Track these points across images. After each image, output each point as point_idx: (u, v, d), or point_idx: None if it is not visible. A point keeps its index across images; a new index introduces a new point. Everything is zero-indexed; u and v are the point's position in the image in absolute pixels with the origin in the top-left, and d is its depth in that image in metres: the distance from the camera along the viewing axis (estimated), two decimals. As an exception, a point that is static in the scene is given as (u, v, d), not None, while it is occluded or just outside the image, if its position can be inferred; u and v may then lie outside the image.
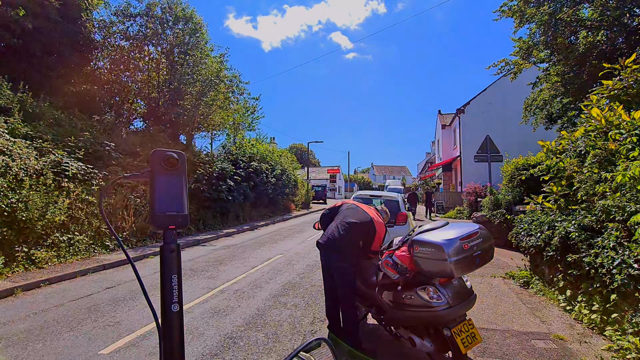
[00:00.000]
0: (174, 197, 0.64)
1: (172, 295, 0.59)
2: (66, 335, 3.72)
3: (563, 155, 5.37)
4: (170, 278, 0.60)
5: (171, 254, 0.62)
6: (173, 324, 0.58)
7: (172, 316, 0.58)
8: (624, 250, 3.33)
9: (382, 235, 3.43)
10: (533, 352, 3.28)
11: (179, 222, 0.64)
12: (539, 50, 10.68)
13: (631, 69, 5.27)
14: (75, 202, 7.77)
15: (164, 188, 0.63)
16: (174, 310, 0.59)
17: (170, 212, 0.63)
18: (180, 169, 0.65)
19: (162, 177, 0.62)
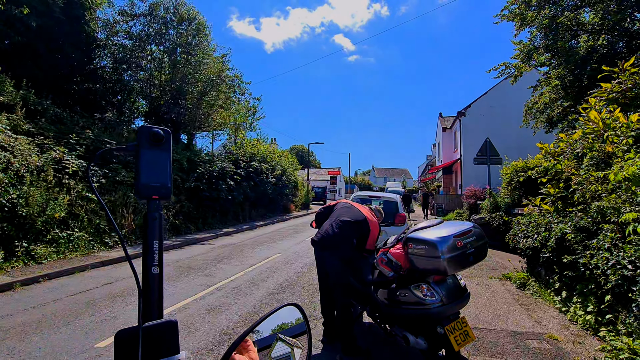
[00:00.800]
0: (158, 170, 0.67)
1: (154, 258, 0.63)
2: (63, 329, 3.74)
3: (561, 157, 5.38)
4: (152, 243, 0.63)
5: (154, 222, 0.65)
6: (153, 284, 0.62)
7: (153, 277, 0.62)
8: (618, 251, 3.34)
9: (376, 234, 3.44)
10: (527, 351, 3.29)
11: (162, 193, 0.67)
12: (539, 54, 10.70)
13: (630, 72, 5.29)
14: (76, 199, 7.82)
15: (149, 161, 0.66)
16: (155, 272, 0.62)
17: (154, 183, 0.66)
18: (165, 145, 0.68)
19: (148, 151, 0.65)
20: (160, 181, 0.67)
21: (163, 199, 0.68)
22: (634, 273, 3.04)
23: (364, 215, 3.42)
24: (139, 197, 0.66)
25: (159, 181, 0.66)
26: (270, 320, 0.60)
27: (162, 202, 0.69)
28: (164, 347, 0.58)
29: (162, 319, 0.61)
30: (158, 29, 13.80)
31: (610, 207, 3.49)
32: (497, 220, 9.36)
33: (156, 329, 0.58)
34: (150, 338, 0.56)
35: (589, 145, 4.70)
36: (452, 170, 23.77)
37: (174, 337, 0.60)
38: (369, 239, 3.37)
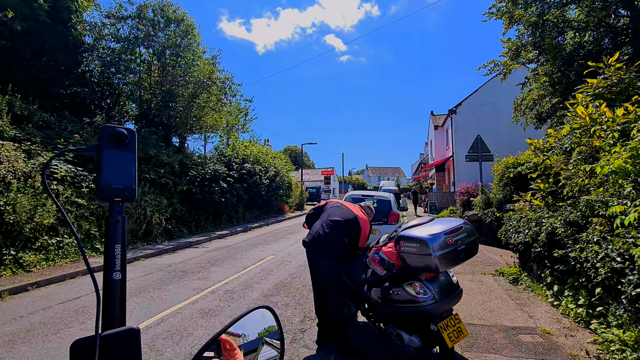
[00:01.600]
0: (122, 171, 0.64)
1: (115, 263, 0.60)
2: (52, 338, 3.67)
3: (550, 152, 5.44)
4: (113, 247, 0.61)
5: (115, 225, 0.62)
6: (115, 290, 0.59)
7: (114, 283, 0.59)
8: (607, 244, 3.39)
9: (367, 232, 3.44)
10: (520, 346, 3.31)
11: (125, 195, 0.64)
12: (527, 51, 10.83)
13: (615, 67, 5.37)
14: (65, 204, 7.68)
15: (111, 162, 0.63)
16: (116, 278, 0.60)
17: (116, 185, 0.63)
18: (129, 145, 0.65)
19: (110, 151, 0.63)
20: (124, 183, 0.64)
21: (126, 201, 0.65)
22: (622, 265, 3.08)
23: (354, 214, 3.41)
24: (100, 200, 0.64)
25: (122, 183, 0.64)
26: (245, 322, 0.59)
27: (126, 204, 0.66)
28: (125, 357, 0.56)
29: (123, 327, 0.59)
30: (146, 31, 13.64)
31: (599, 200, 3.53)
32: (489, 216, 9.44)
33: (116, 337, 0.56)
34: (109, 348, 0.54)
35: (576, 140, 4.76)
36: (445, 168, 23.94)
37: (136, 346, 0.57)
38: (360, 237, 3.36)
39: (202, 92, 14.48)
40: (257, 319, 0.61)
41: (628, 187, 3.19)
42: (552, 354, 3.13)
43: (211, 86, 14.81)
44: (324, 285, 3.34)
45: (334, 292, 3.28)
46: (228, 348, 0.61)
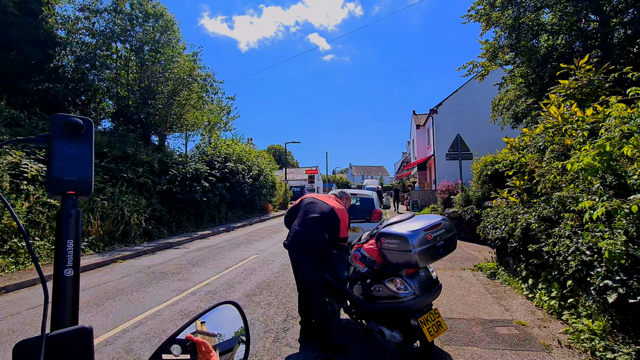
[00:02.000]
0: (76, 163, 0.60)
1: (67, 259, 0.56)
2: (21, 345, 3.49)
3: (525, 151, 5.63)
4: (65, 242, 0.57)
5: (68, 219, 0.59)
6: (65, 287, 0.56)
7: (65, 280, 0.56)
8: (577, 238, 3.53)
9: (347, 221, 3.40)
10: (496, 338, 3.41)
11: (80, 188, 0.61)
12: (504, 53, 11.16)
13: (585, 69, 5.62)
14: (36, 205, 7.34)
15: (64, 153, 0.59)
16: (67, 274, 0.56)
17: (70, 177, 0.60)
18: (86, 136, 0.62)
19: (63, 142, 0.59)
20: (78, 175, 0.61)
21: (81, 194, 0.62)
22: (591, 258, 3.22)
23: (330, 206, 3.36)
24: (50, 193, 0.60)
25: (77, 175, 0.60)
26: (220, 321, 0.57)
27: (81, 198, 0.63)
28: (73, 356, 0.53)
29: (73, 327, 0.56)
30: (123, 26, 13.20)
31: (570, 196, 3.68)
32: (468, 213, 9.68)
33: (65, 337, 0.53)
34: (57, 348, 0.51)
35: (549, 138, 4.94)
36: (427, 167, 24.40)
37: (88, 346, 0.55)
38: (340, 227, 3.32)
39: (182, 89, 14.16)
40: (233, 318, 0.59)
41: (596, 184, 3.34)
42: (526, 345, 3.24)
43: (192, 83, 14.51)
44: (308, 284, 3.33)
45: (318, 291, 3.27)
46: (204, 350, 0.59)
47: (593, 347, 2.98)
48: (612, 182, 3.18)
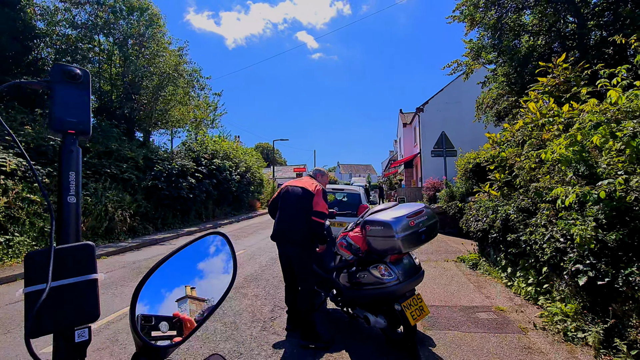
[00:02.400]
0: (75, 106, 0.64)
1: (69, 188, 0.61)
2: (2, 338, 3.42)
3: (505, 145, 5.83)
4: (67, 174, 0.62)
5: (70, 155, 0.63)
6: (69, 212, 0.61)
7: (69, 205, 0.60)
8: (552, 226, 3.70)
9: (321, 197, 3.29)
10: (477, 322, 3.55)
11: (79, 128, 0.65)
12: (487, 52, 11.45)
13: (562, 67, 5.85)
14: (15, 200, 7.13)
15: (64, 96, 0.63)
16: (71, 201, 0.61)
17: (70, 118, 0.64)
18: (84, 84, 0.66)
19: (63, 86, 0.63)
20: (78, 117, 0.65)
21: (81, 134, 0.66)
22: (565, 245, 3.39)
23: (300, 187, 3.35)
24: (53, 131, 0.64)
25: (76, 117, 0.64)
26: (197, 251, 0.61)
27: (80, 138, 0.67)
28: (79, 269, 0.57)
29: (78, 243, 0.60)
30: (106, 18, 12.88)
31: (545, 187, 3.85)
32: (452, 208, 9.91)
33: (70, 251, 0.57)
34: (64, 260, 0.56)
35: (528, 133, 5.14)
36: (413, 164, 24.76)
37: (91, 259, 0.59)
38: (313, 202, 3.23)
39: (168, 84, 13.92)
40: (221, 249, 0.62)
41: (570, 174, 3.52)
42: (504, 328, 3.39)
43: (178, 79, 14.29)
44: (297, 273, 3.35)
45: (307, 280, 3.29)
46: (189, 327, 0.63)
47: (565, 328, 3.15)
48: (584, 172, 3.36)
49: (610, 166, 2.76)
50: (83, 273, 0.58)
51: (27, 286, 0.52)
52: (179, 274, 0.58)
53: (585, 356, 2.78)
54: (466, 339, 3.18)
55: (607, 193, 2.71)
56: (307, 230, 3.26)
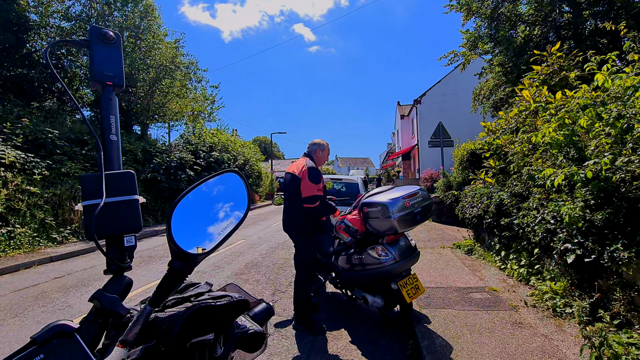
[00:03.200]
0: (111, 62, 0.74)
1: (111, 128, 0.71)
2: (11, 321, 3.53)
3: (499, 133, 5.93)
4: (108, 117, 0.72)
5: (109, 102, 0.73)
6: (112, 147, 0.71)
7: (111, 142, 0.71)
8: (543, 209, 3.83)
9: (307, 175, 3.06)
10: (470, 301, 3.69)
11: (115, 81, 0.74)
12: (484, 42, 11.48)
13: (556, 55, 5.92)
14: (15, 192, 7.18)
15: (101, 53, 0.73)
16: (112, 139, 0.71)
17: (108, 72, 0.73)
18: (116, 45, 0.75)
19: (99, 46, 0.72)
20: (113, 72, 0.74)
21: (117, 87, 0.75)
22: (555, 226, 3.51)
23: (290, 173, 3.22)
24: (93, 81, 0.73)
25: (112, 72, 0.74)
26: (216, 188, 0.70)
27: (116, 90, 0.76)
28: (124, 190, 0.67)
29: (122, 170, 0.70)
30: (100, 10, 12.77)
31: (537, 169, 3.96)
32: (449, 198, 10.05)
33: (116, 176, 0.67)
34: (111, 183, 0.65)
35: (522, 120, 5.23)
36: (411, 156, 24.88)
37: (132, 184, 0.69)
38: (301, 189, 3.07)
39: (164, 77, 13.88)
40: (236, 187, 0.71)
41: (560, 158, 3.62)
42: (496, 306, 3.53)
43: (175, 71, 14.23)
44: (296, 263, 3.39)
45: (303, 270, 3.31)
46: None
47: (554, 305, 3.29)
48: (574, 156, 3.46)
49: (598, 148, 2.87)
50: (127, 194, 0.68)
51: (84, 201, 0.63)
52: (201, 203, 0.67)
53: (571, 328, 2.92)
54: (460, 316, 3.32)
55: (594, 173, 2.82)
56: (303, 219, 3.18)
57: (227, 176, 0.72)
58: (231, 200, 0.71)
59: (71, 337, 0.48)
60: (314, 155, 3.36)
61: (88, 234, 0.62)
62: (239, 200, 0.72)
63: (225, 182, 0.71)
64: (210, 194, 0.69)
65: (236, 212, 0.71)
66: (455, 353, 2.63)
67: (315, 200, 3.04)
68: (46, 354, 0.45)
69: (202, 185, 0.67)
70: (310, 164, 3.16)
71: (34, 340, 0.46)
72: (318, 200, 3.06)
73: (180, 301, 0.65)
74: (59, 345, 0.47)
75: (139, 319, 0.59)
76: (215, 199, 0.69)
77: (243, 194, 0.73)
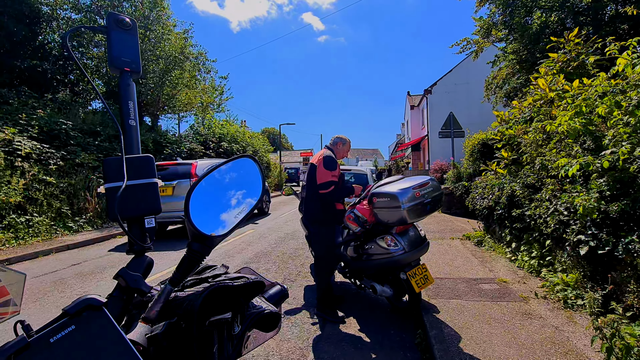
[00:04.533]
0: (128, 49, 0.75)
1: (129, 113, 0.73)
2: (32, 306, 3.67)
3: (512, 122, 5.80)
4: (127, 103, 0.74)
5: (127, 87, 0.74)
6: (131, 131, 0.73)
7: (130, 127, 0.73)
8: (557, 200, 3.76)
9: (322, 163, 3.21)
10: (479, 292, 3.68)
11: (133, 67, 0.76)
12: (498, 30, 11.17)
13: (574, 42, 5.73)
14: (32, 182, 7.38)
15: (119, 40, 0.74)
16: (132, 124, 0.73)
17: (125, 58, 0.75)
18: (132, 31, 0.76)
19: (117, 32, 0.73)
20: (130, 57, 0.75)
21: (134, 73, 0.76)
22: (568, 217, 3.45)
23: (310, 164, 3.40)
24: (112, 68, 0.74)
25: (129, 57, 0.75)
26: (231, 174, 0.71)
27: (133, 76, 0.77)
28: (143, 173, 0.70)
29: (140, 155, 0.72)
30: (110, 1, 12.82)
31: (551, 160, 3.88)
32: (459, 189, 9.95)
33: (136, 160, 0.70)
34: (131, 166, 0.68)
35: (536, 110, 5.11)
36: (420, 147, 24.60)
37: (151, 167, 0.71)
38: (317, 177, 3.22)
39: (174, 68, 13.93)
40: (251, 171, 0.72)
41: (576, 148, 3.54)
42: (506, 297, 3.51)
43: (184, 62, 14.28)
44: (314, 251, 3.48)
45: (323, 258, 3.37)
46: None
47: (566, 297, 3.26)
48: (590, 146, 3.38)
49: (615, 137, 2.79)
50: (146, 177, 0.70)
51: (106, 183, 0.65)
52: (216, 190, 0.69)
53: (582, 320, 2.89)
54: (469, 307, 3.32)
55: (611, 163, 2.75)
56: (320, 208, 3.30)
57: (242, 161, 0.73)
58: (244, 187, 0.72)
59: (99, 310, 0.50)
60: (335, 147, 3.51)
61: (111, 214, 0.65)
62: (253, 187, 0.73)
63: (239, 167, 0.72)
64: (223, 181, 0.70)
65: (248, 199, 0.72)
66: (464, 342, 2.64)
67: (329, 186, 3.16)
68: (77, 325, 0.48)
69: (218, 170, 0.68)
70: (328, 154, 3.32)
71: (65, 312, 0.49)
72: (332, 185, 3.17)
73: (198, 282, 0.67)
74: (88, 318, 0.49)
75: (160, 297, 0.61)
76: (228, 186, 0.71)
77: (257, 179, 0.74)
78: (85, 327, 0.48)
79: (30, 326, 0.49)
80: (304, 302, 3.76)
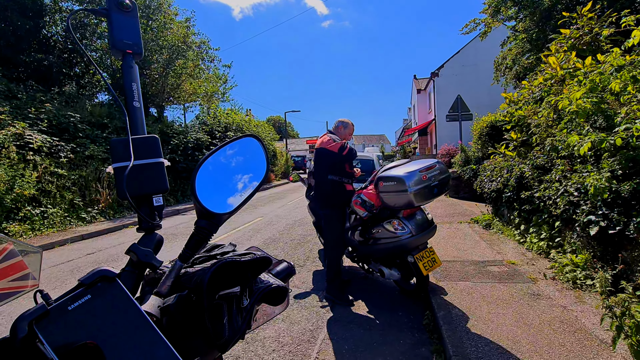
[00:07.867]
0: (130, 31, 0.75)
1: (134, 95, 0.74)
2: (50, 292, 3.80)
3: (521, 103, 5.68)
4: (130, 84, 0.74)
5: (130, 69, 0.75)
6: (136, 113, 0.74)
7: (134, 109, 0.74)
8: (567, 181, 3.70)
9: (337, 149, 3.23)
10: (488, 274, 3.69)
11: (135, 49, 0.76)
12: (507, 7, 10.79)
13: (587, 17, 5.51)
14: (44, 175, 7.54)
15: (120, 22, 0.74)
16: (136, 105, 0.74)
17: (127, 40, 0.75)
18: (133, 12, 0.76)
19: (118, 14, 0.73)
20: (132, 40, 0.75)
21: (136, 55, 0.77)
22: (578, 198, 3.41)
23: (320, 147, 3.36)
24: (114, 50, 0.75)
25: (131, 40, 0.75)
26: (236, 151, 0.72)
27: (136, 58, 0.77)
28: (150, 153, 0.71)
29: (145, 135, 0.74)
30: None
31: (562, 140, 3.81)
32: (467, 173, 9.84)
33: (142, 140, 0.71)
34: (138, 147, 0.69)
35: (547, 89, 4.98)
36: (427, 132, 24.29)
37: (157, 147, 0.73)
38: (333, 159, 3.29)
39: (177, 57, 13.87)
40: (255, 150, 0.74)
41: (587, 127, 3.46)
42: (514, 278, 3.52)
43: (187, 51, 14.19)
44: (324, 235, 3.53)
45: (332, 241, 3.43)
46: None
47: (575, 277, 3.25)
48: (602, 124, 3.29)
49: (629, 115, 2.71)
50: (152, 156, 0.71)
51: (114, 163, 0.67)
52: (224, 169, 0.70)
53: (591, 300, 2.89)
54: (477, 288, 3.34)
55: (624, 140, 2.68)
56: (330, 190, 3.36)
57: (246, 140, 0.74)
58: (250, 171, 0.73)
59: (113, 281, 0.52)
60: (337, 130, 3.53)
61: (120, 193, 0.66)
62: (258, 168, 0.74)
63: (244, 146, 0.73)
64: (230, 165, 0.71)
65: (254, 182, 0.73)
66: (472, 323, 2.67)
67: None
68: (92, 294, 0.50)
69: (224, 150, 0.69)
70: (329, 136, 3.36)
71: (81, 283, 0.51)
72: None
73: (207, 259, 0.69)
74: (103, 288, 0.52)
75: (170, 273, 0.63)
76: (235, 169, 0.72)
77: (262, 159, 0.74)
78: (101, 296, 0.51)
79: (49, 295, 0.52)
80: (313, 286, 3.83)
